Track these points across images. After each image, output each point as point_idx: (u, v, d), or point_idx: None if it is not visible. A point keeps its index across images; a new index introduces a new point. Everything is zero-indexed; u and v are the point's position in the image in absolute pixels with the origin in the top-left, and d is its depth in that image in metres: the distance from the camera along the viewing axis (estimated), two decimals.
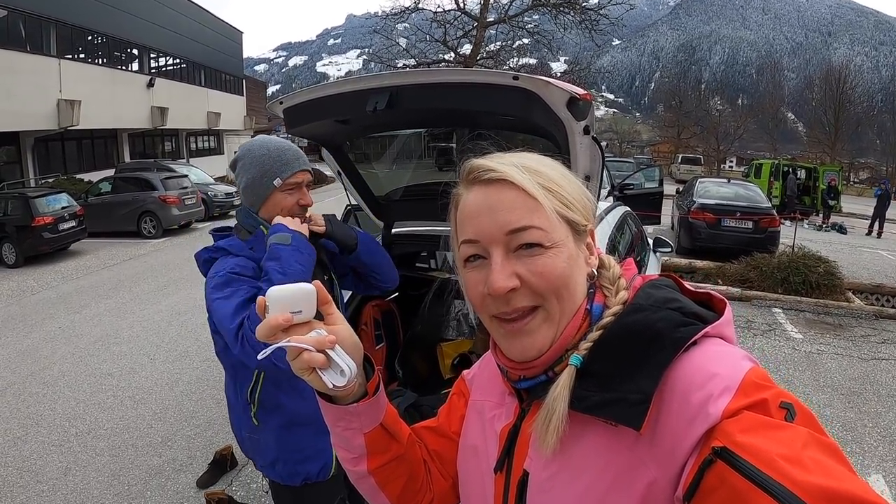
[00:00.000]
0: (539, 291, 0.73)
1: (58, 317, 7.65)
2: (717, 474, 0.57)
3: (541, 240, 0.73)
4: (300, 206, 1.82)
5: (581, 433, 0.71)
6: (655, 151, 62.17)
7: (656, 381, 0.65)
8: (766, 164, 22.81)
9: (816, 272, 8.26)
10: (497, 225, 0.74)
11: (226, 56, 35.98)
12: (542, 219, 0.73)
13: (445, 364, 3.39)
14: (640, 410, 0.64)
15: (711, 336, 0.70)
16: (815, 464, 0.53)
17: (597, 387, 0.69)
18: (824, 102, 47.40)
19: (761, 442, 0.56)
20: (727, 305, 0.75)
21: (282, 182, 1.76)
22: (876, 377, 5.64)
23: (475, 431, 0.93)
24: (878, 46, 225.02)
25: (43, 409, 4.95)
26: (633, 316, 0.73)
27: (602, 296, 0.80)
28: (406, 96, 2.01)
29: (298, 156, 1.80)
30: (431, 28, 20.73)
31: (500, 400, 0.90)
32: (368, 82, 2.07)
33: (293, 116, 2.31)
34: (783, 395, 0.61)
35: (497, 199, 0.75)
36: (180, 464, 4.04)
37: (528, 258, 0.73)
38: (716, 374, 0.63)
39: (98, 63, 23.63)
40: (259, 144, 1.80)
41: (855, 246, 14.65)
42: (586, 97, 1.79)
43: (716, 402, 0.61)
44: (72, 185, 17.06)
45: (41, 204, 11.37)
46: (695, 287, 0.81)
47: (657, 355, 0.67)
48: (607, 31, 19.83)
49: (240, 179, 1.80)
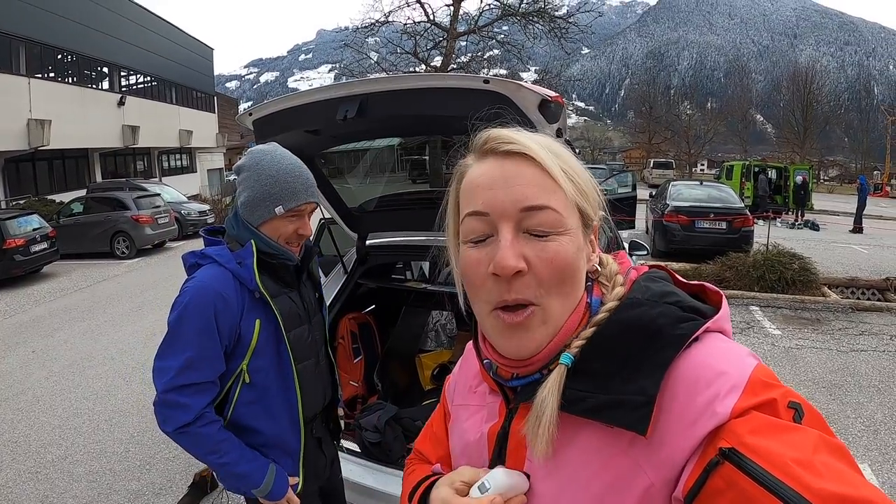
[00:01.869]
0: (544, 280, 0.69)
1: (31, 341, 7.47)
2: (723, 476, 0.55)
3: (555, 223, 0.69)
4: (298, 235, 1.74)
5: (576, 433, 0.68)
6: (627, 157, 63.10)
7: (659, 381, 0.62)
8: (737, 166, 23.18)
9: (791, 269, 8.41)
10: (512, 198, 0.69)
11: (197, 73, 35.75)
12: (559, 202, 0.70)
13: (425, 375, 3.37)
14: (643, 414, 0.61)
15: (711, 331, 0.67)
16: (827, 469, 0.51)
17: (594, 387, 0.66)
18: (792, 103, 48.61)
19: (772, 444, 0.54)
20: (723, 298, 0.72)
21: (284, 211, 1.68)
22: (856, 368, 5.73)
23: (457, 441, 0.90)
24: (843, 47, 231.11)
25: (18, 436, 4.82)
26: (631, 311, 0.69)
27: (600, 290, 0.77)
28: (376, 103, 1.99)
29: (308, 185, 1.72)
30: (402, 40, 20.79)
31: (481, 401, 0.86)
32: (338, 90, 2.05)
33: (263, 128, 2.28)
34: (791, 395, 0.59)
35: (515, 171, 0.70)
36: (159, 487, 3.94)
37: (539, 241, 0.69)
38: (723, 372, 0.61)
39: (68, 82, 23.35)
40: (269, 162, 1.69)
41: (828, 242, 14.91)
42: (557, 100, 1.79)
43: (723, 401, 0.58)
44: (43, 206, 16.75)
45: (12, 226, 11.15)
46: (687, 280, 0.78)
47: (659, 353, 0.64)
48: (577, 39, 20.03)
49: (240, 190, 1.71)
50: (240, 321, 1.65)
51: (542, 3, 19.45)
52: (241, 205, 1.71)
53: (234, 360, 1.67)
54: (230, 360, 1.67)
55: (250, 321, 1.67)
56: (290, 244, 1.75)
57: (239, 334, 1.66)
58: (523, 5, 19.45)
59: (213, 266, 1.66)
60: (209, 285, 1.61)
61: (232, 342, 1.65)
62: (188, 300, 1.60)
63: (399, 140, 3.70)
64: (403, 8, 19.99)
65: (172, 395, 1.56)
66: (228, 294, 1.63)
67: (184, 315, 1.58)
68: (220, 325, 1.61)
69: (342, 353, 3.13)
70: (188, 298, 1.60)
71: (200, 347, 1.58)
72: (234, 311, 1.64)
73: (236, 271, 1.65)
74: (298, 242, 1.77)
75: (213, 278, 1.63)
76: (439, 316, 3.92)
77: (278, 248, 1.72)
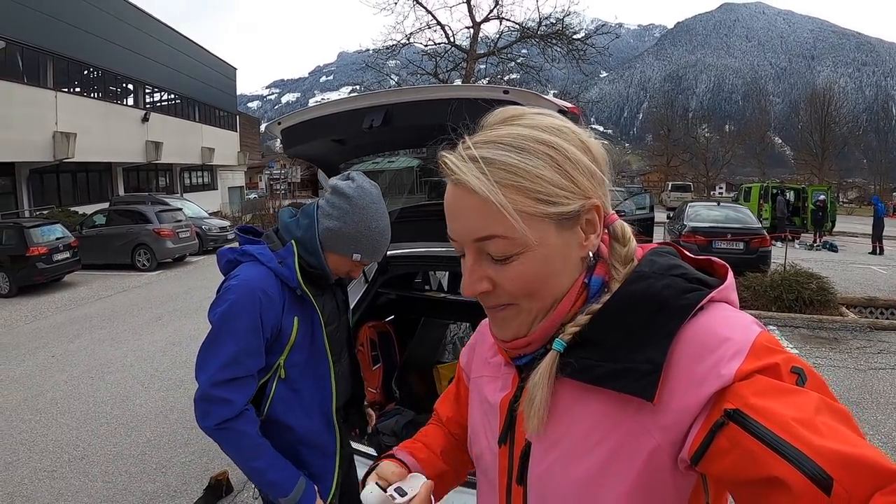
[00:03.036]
0: (511, 294, 0.72)
1: (51, 346, 7.60)
2: (728, 436, 0.57)
3: (507, 248, 0.69)
4: (348, 275, 1.86)
5: (583, 400, 0.70)
6: (646, 181, 62.70)
7: (665, 349, 0.64)
8: (755, 188, 23.00)
9: (809, 288, 8.33)
10: (464, 231, 0.72)
11: (220, 92, 36.32)
12: (505, 226, 0.68)
13: (443, 386, 3.40)
14: (650, 381, 0.63)
15: (717, 301, 0.68)
16: (828, 429, 0.54)
17: (601, 356, 0.68)
18: (810, 125, 48.09)
19: (775, 405, 0.56)
20: (729, 270, 0.74)
21: (359, 260, 1.77)
22: (874, 387, 5.67)
23: (476, 411, 0.93)
24: (860, 67, 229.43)
25: (35, 436, 4.90)
26: (638, 284, 0.70)
27: (605, 268, 0.76)
28: (401, 113, 2.07)
29: (385, 248, 1.83)
30: (422, 62, 21.02)
31: (496, 372, 0.89)
32: (364, 101, 2.13)
33: (291, 136, 2.36)
34: (794, 360, 0.61)
35: (460, 204, 0.71)
36: (174, 490, 3.99)
37: (500, 265, 0.71)
38: (727, 338, 0.63)
39: (94, 97, 23.85)
40: (374, 212, 1.74)
41: (847, 263, 14.75)
42: (574, 111, 1.85)
43: (728, 364, 0.60)
44: (66, 217, 17.07)
45: (36, 234, 11.38)
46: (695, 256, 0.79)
47: (664, 324, 0.65)
48: (595, 62, 20.15)
49: (332, 212, 1.73)
50: (281, 318, 1.71)
51: (561, 26, 19.61)
52: (325, 228, 1.74)
53: (272, 355, 1.72)
54: (268, 356, 1.71)
55: (290, 318, 1.73)
56: (335, 275, 1.84)
57: (279, 330, 1.72)
58: (542, 28, 19.62)
59: (255, 264, 1.72)
60: (254, 283, 1.67)
61: (272, 338, 1.71)
62: (235, 297, 1.64)
63: (418, 162, 3.77)
64: (424, 30, 20.24)
65: (217, 390, 1.60)
66: (272, 291, 1.69)
67: (230, 311, 1.63)
68: (264, 321, 1.67)
69: (361, 360, 3.17)
70: (235, 295, 1.64)
71: (246, 343, 1.63)
72: (277, 308, 1.70)
73: (278, 270, 1.71)
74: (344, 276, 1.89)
75: (257, 276, 1.69)
76: (457, 329, 3.95)
77: (325, 269, 1.78)
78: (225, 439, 1.64)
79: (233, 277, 1.71)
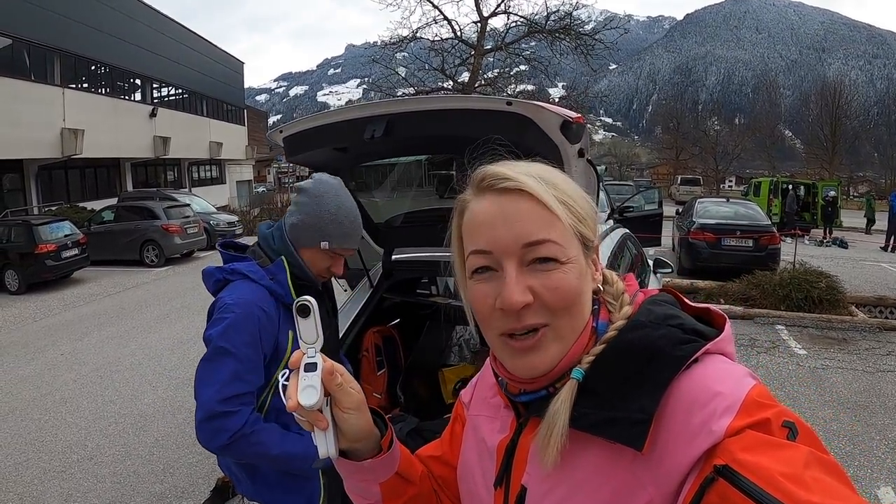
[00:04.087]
0: (552, 308, 0.71)
1: (60, 344, 7.66)
2: (718, 492, 0.56)
3: (557, 254, 0.71)
4: (329, 272, 1.82)
5: (580, 450, 0.70)
6: (655, 174, 62.42)
7: (657, 400, 0.64)
8: (764, 182, 22.88)
9: (818, 287, 8.26)
10: (513, 236, 0.71)
11: (227, 86, 36.42)
12: (559, 233, 0.71)
13: (447, 389, 3.39)
14: (641, 430, 0.63)
15: (712, 353, 0.69)
16: (816, 483, 0.53)
17: (596, 405, 0.68)
18: (821, 118, 47.69)
19: (763, 460, 0.55)
20: (727, 321, 0.74)
21: (329, 248, 1.75)
22: (882, 389, 5.61)
23: (471, 449, 0.92)
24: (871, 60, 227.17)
25: (44, 436, 4.94)
26: (633, 333, 0.71)
27: (606, 312, 0.78)
28: (403, 124, 2.05)
29: (356, 231, 1.80)
30: (429, 57, 20.95)
31: (495, 413, 0.89)
32: (366, 110, 2.11)
33: (293, 145, 2.35)
34: (785, 414, 0.61)
35: (514, 209, 0.72)
36: (182, 491, 4.02)
37: (543, 273, 0.71)
38: (718, 392, 0.63)
39: (101, 93, 23.99)
40: (331, 198, 1.76)
41: (857, 260, 14.66)
42: (579, 120, 1.83)
43: (718, 421, 0.60)
44: (75, 213, 17.19)
45: (44, 231, 11.46)
46: (693, 303, 0.80)
47: (658, 374, 0.66)
48: (603, 55, 20.04)
49: (295, 210, 1.77)
50: (277, 334, 1.72)
51: (569, 20, 19.50)
52: (290, 225, 1.77)
53: (269, 370, 1.72)
54: (266, 371, 1.72)
55: (285, 333, 1.74)
56: (319, 276, 1.82)
57: (276, 346, 1.72)
58: (549, 22, 19.51)
59: (247, 282, 1.72)
60: (251, 300, 1.67)
61: (270, 355, 1.71)
62: (233, 315, 1.64)
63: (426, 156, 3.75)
64: (431, 25, 20.19)
65: (222, 406, 1.59)
66: (269, 308, 1.69)
67: (229, 329, 1.62)
68: (263, 338, 1.67)
69: (366, 366, 3.17)
70: (233, 314, 1.64)
71: (247, 360, 1.63)
72: (273, 324, 1.70)
73: (271, 287, 1.71)
74: (326, 278, 1.85)
75: (253, 294, 1.69)
76: (463, 331, 3.94)
77: (307, 274, 1.78)
78: (240, 449, 1.64)
79: (227, 296, 1.69)
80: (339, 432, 0.78)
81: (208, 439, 1.62)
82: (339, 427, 0.78)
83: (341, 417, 0.78)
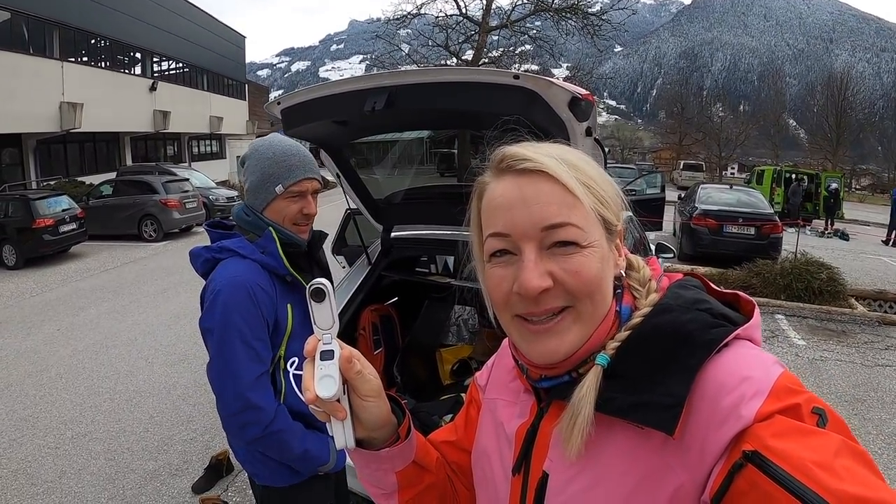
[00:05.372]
0: (572, 292, 0.69)
1: (57, 319, 7.62)
2: (747, 478, 0.55)
3: (577, 238, 0.69)
4: (303, 215, 1.74)
5: (605, 435, 0.69)
6: (657, 158, 62.30)
7: (689, 384, 0.63)
8: (767, 171, 22.77)
9: (819, 278, 8.23)
10: (532, 219, 0.69)
11: (228, 60, 36.03)
12: (580, 216, 0.69)
13: (444, 370, 3.35)
14: (672, 415, 0.62)
15: (741, 338, 0.67)
16: (846, 472, 0.52)
17: (625, 389, 0.67)
18: (826, 109, 47.49)
19: (793, 447, 0.55)
20: (755, 307, 0.72)
21: (284, 189, 1.68)
22: (879, 384, 5.59)
23: (488, 433, 0.90)
24: (879, 53, 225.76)
25: (39, 412, 4.92)
26: (663, 317, 0.70)
27: (630, 297, 0.76)
28: (404, 96, 1.97)
29: (305, 161, 1.72)
30: (433, 33, 20.73)
31: (514, 398, 0.87)
32: (367, 82, 2.04)
33: (291, 117, 2.27)
34: (815, 401, 0.60)
35: (533, 191, 0.70)
36: (176, 468, 4.00)
37: (563, 256, 0.69)
38: (748, 376, 0.62)
39: (101, 66, 23.68)
40: (266, 146, 1.71)
41: (857, 252, 14.59)
42: (588, 98, 1.76)
43: (748, 405, 0.59)
44: (73, 187, 17.06)
45: (42, 206, 11.36)
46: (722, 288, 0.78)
47: (689, 358, 0.64)
48: (609, 37, 19.86)
49: (245, 179, 1.73)
50: (276, 308, 1.66)
51: (576, 0, 19.25)
52: (246, 193, 1.73)
53: (272, 348, 1.67)
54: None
55: (283, 307, 1.68)
56: (298, 225, 1.74)
57: (276, 321, 1.66)
58: (556, 1, 19.26)
59: (237, 259, 1.65)
60: (244, 277, 1.60)
61: (271, 330, 1.65)
62: (226, 297, 1.57)
63: (428, 132, 3.69)
64: (436, 0, 19.96)
65: (250, 394, 1.56)
66: (263, 283, 1.63)
67: (228, 312, 1.57)
68: (264, 314, 1.61)
69: (363, 345, 3.13)
70: (227, 296, 1.57)
71: (255, 338, 1.58)
72: (271, 299, 1.64)
73: (262, 260, 1.65)
74: (305, 223, 1.77)
75: (244, 270, 1.62)
76: (462, 311, 3.90)
77: (286, 232, 1.71)
78: (271, 444, 1.62)
79: (218, 277, 1.63)
80: (357, 421, 0.76)
81: (236, 434, 1.60)
82: (357, 415, 0.75)
83: (360, 405, 0.75)
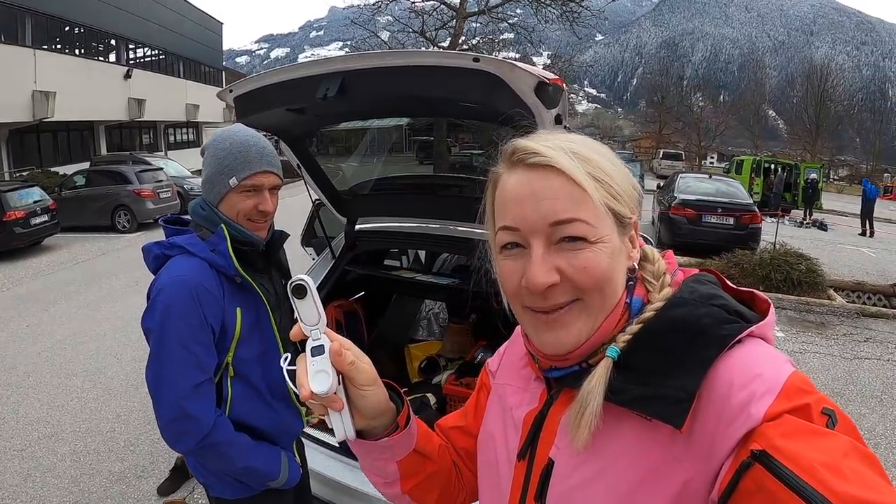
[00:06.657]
0: (580, 287, 0.69)
1: (27, 315, 7.41)
2: (754, 478, 0.56)
3: (586, 234, 0.68)
4: (259, 211, 1.62)
5: (613, 426, 0.69)
6: (637, 147, 62.44)
7: (700, 378, 0.63)
8: (747, 161, 22.98)
9: (798, 269, 8.27)
10: (540, 214, 0.69)
11: (205, 47, 35.63)
12: (588, 211, 0.69)
13: (413, 367, 3.24)
14: (682, 408, 0.62)
15: (755, 336, 0.67)
16: (854, 474, 0.52)
17: (635, 380, 0.67)
18: (805, 100, 48.17)
19: (802, 448, 0.55)
20: (770, 306, 0.71)
21: (237, 182, 1.57)
22: (859, 377, 5.60)
23: (495, 418, 0.90)
24: (859, 46, 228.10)
25: (6, 413, 4.77)
26: (677, 310, 0.69)
27: (643, 289, 0.76)
28: (358, 82, 1.85)
29: (263, 154, 1.60)
30: (410, 19, 20.43)
31: (524, 385, 0.87)
32: (319, 67, 1.92)
33: (244, 105, 2.15)
34: (825, 402, 0.60)
35: (542, 185, 0.70)
36: (142, 469, 3.89)
37: (571, 252, 0.69)
38: (759, 374, 0.61)
39: (74, 54, 23.24)
40: (223, 137, 1.61)
41: (836, 243, 14.74)
42: (556, 82, 1.66)
43: (757, 404, 0.59)
44: (47, 178, 16.70)
45: (12, 198, 11.02)
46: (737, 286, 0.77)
47: (701, 352, 0.64)
48: (590, 25, 19.71)
49: (202, 171, 1.63)
50: (223, 311, 1.56)
51: None
52: (202, 185, 1.62)
53: (219, 353, 1.57)
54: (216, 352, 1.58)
55: (231, 310, 1.58)
56: (253, 222, 1.63)
57: (223, 326, 1.56)
58: None
59: (186, 257, 1.56)
60: (188, 277, 1.51)
61: (218, 334, 1.56)
62: (168, 297, 1.48)
63: (408, 120, 3.57)
64: None
65: (186, 403, 1.47)
66: (209, 283, 1.53)
67: (168, 314, 1.48)
68: (207, 316, 1.52)
69: None
70: (167, 296, 1.49)
71: (195, 343, 1.49)
72: (217, 300, 1.54)
73: (211, 259, 1.55)
74: (261, 221, 1.65)
75: (189, 269, 1.53)
76: (432, 304, 3.81)
77: (241, 230, 1.61)
78: (208, 455, 1.54)
79: (163, 276, 1.53)
80: (355, 410, 0.77)
81: (172, 442, 1.52)
82: (355, 405, 0.77)
83: (357, 395, 0.76)
